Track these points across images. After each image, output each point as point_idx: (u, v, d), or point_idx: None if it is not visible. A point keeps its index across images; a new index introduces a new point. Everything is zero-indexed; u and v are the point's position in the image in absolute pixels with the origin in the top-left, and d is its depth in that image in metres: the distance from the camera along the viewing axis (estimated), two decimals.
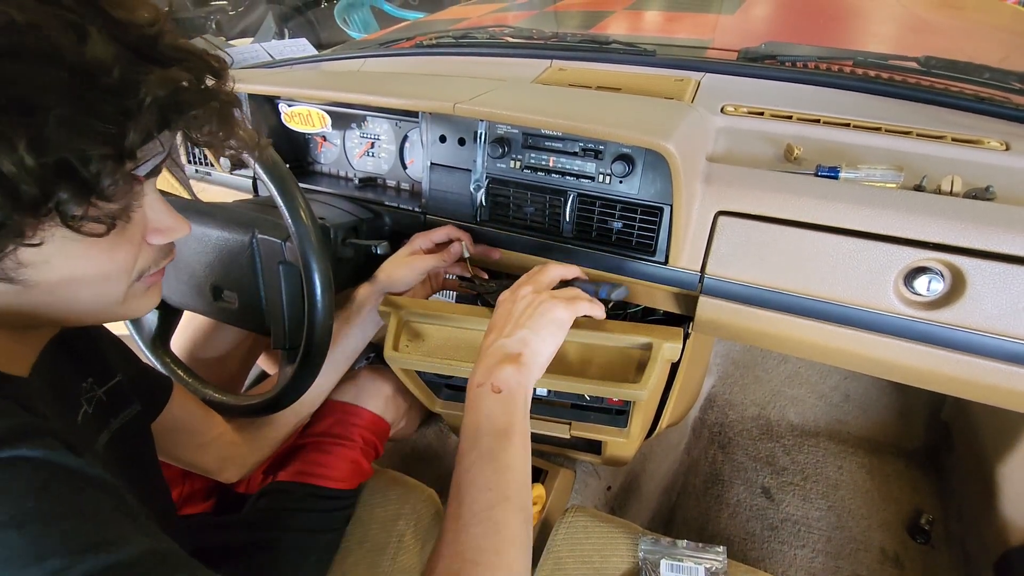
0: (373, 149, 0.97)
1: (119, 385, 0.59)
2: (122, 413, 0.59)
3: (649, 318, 0.94)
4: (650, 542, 0.81)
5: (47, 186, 0.33)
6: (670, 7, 1.81)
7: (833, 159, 0.75)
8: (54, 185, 0.33)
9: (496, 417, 0.54)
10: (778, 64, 1.03)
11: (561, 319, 0.63)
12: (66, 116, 0.33)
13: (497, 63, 1.15)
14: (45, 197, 0.34)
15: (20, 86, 0.32)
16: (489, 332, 0.63)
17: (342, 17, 3.03)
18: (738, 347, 1.61)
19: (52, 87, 0.32)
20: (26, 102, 0.32)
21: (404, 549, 0.86)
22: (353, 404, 0.92)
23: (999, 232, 0.62)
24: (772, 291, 0.72)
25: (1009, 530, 0.96)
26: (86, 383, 0.56)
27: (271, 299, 0.77)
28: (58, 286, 0.39)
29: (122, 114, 0.35)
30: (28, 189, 0.32)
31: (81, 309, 0.43)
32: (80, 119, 0.33)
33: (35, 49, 0.32)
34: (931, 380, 0.71)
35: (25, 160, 0.32)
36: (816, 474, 1.32)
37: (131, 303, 0.45)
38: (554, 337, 0.62)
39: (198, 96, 0.40)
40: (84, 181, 0.34)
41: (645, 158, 0.75)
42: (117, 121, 0.35)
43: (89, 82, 0.34)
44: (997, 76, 0.95)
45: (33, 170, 0.32)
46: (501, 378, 0.56)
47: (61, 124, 0.33)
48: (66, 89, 0.33)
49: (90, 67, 0.34)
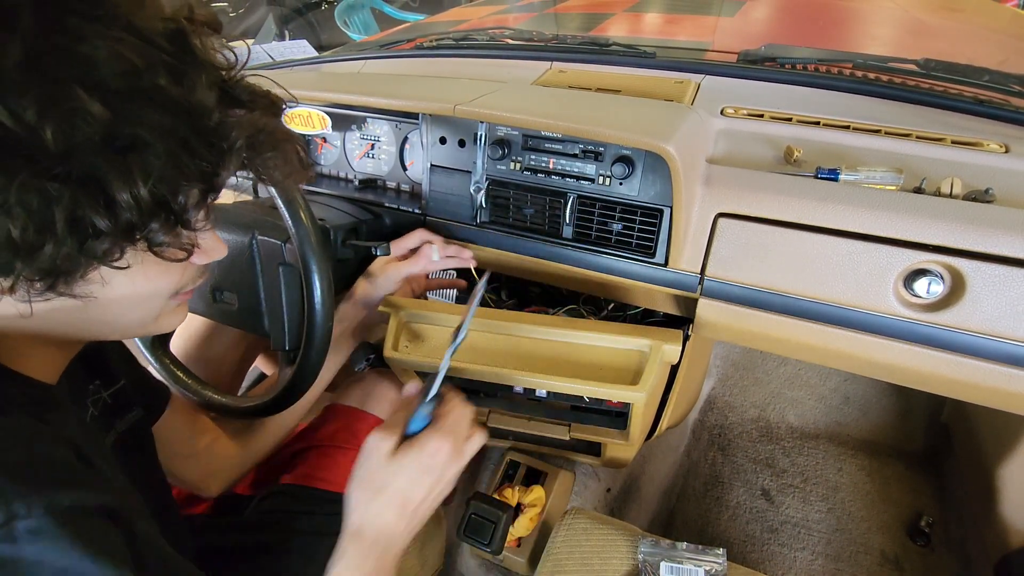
0: (373, 150, 0.97)
1: (123, 389, 0.60)
2: (127, 416, 0.60)
3: (648, 320, 0.94)
4: (650, 544, 0.81)
5: (146, 217, 0.36)
6: (670, 9, 1.82)
7: (833, 161, 0.75)
8: (152, 216, 0.37)
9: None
10: (778, 66, 1.04)
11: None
12: (172, 155, 0.36)
13: (497, 65, 1.15)
14: (143, 226, 0.37)
15: (137, 126, 0.34)
16: (397, 496, 0.53)
17: (342, 19, 3.03)
18: (738, 349, 1.60)
19: (162, 129, 0.35)
20: (141, 140, 0.34)
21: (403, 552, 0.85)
22: (359, 409, 0.92)
23: (999, 234, 0.62)
24: (772, 293, 0.72)
25: (1009, 532, 0.96)
26: (93, 385, 0.57)
27: (271, 300, 0.77)
28: (113, 303, 0.41)
29: (217, 155, 0.39)
30: (132, 218, 0.35)
31: (123, 324, 0.45)
32: (183, 159, 0.36)
33: (149, 92, 0.35)
34: (931, 382, 0.71)
35: (140, 193, 0.35)
36: (816, 476, 1.31)
37: (163, 319, 0.48)
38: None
39: (274, 137, 0.43)
40: (175, 213, 0.38)
41: (645, 160, 0.75)
42: (212, 161, 0.38)
43: (191, 124, 0.37)
44: (996, 78, 0.95)
45: (143, 202, 0.35)
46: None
47: (168, 162, 0.36)
48: (172, 130, 0.36)
49: (194, 110, 0.37)
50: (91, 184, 0.33)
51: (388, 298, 0.82)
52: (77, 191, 0.33)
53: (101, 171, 0.33)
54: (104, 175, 0.33)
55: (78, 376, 0.54)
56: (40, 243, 0.33)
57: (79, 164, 0.33)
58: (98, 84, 0.33)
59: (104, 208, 0.34)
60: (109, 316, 0.43)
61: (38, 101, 0.31)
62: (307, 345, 0.71)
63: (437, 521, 0.93)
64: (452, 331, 0.59)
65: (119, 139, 0.34)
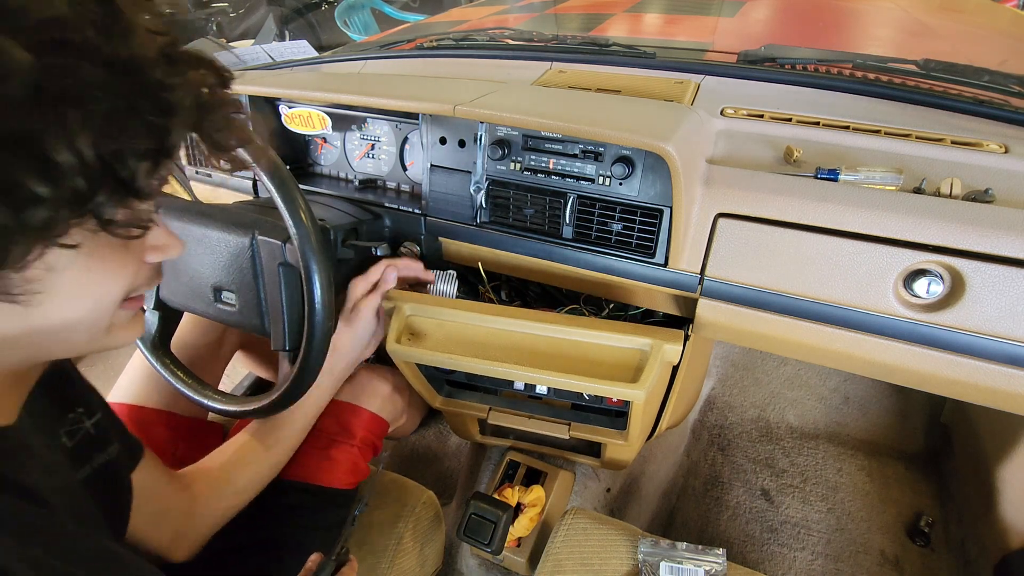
0: (373, 151, 0.98)
1: (101, 422, 0.58)
2: (106, 450, 0.57)
3: (649, 320, 0.94)
4: (650, 544, 0.81)
5: (93, 182, 0.33)
6: (670, 10, 1.82)
7: (833, 161, 0.75)
8: (99, 182, 0.33)
9: None
10: (778, 67, 1.04)
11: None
12: (114, 112, 0.33)
13: (497, 65, 1.15)
14: (90, 193, 0.33)
15: (70, 79, 0.31)
16: None
17: (343, 19, 3.03)
18: (738, 349, 1.61)
19: (98, 81, 0.32)
20: (77, 95, 0.32)
21: (403, 551, 0.85)
22: (352, 404, 0.92)
23: (998, 234, 0.62)
24: (772, 293, 0.72)
25: (1009, 533, 0.96)
26: (74, 414, 0.54)
27: (271, 300, 0.77)
28: (57, 308, 0.38)
29: (163, 113, 0.36)
30: (76, 184, 0.32)
31: (70, 338, 0.41)
32: (126, 116, 0.34)
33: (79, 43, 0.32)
34: (931, 382, 0.71)
35: (83, 152, 0.32)
36: (816, 476, 1.31)
37: (115, 332, 0.44)
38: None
39: (220, 100, 0.41)
40: (124, 180, 0.34)
41: (645, 160, 0.75)
42: (159, 119, 0.35)
43: (131, 79, 0.34)
44: (996, 79, 0.95)
45: (87, 162, 0.32)
46: None
47: (110, 119, 0.33)
48: (108, 84, 0.33)
49: (131, 65, 0.34)
50: (23, 142, 0.30)
51: (391, 292, 0.83)
52: (6, 151, 0.30)
53: (34, 126, 0.30)
54: (38, 131, 0.30)
55: (51, 405, 0.52)
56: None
57: (7, 119, 0.30)
58: (22, 29, 0.30)
59: (41, 169, 0.31)
60: (54, 325, 0.39)
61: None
62: (307, 345, 0.71)
63: (437, 521, 0.93)
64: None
65: (51, 91, 0.30)
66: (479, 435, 1.10)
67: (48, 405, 0.50)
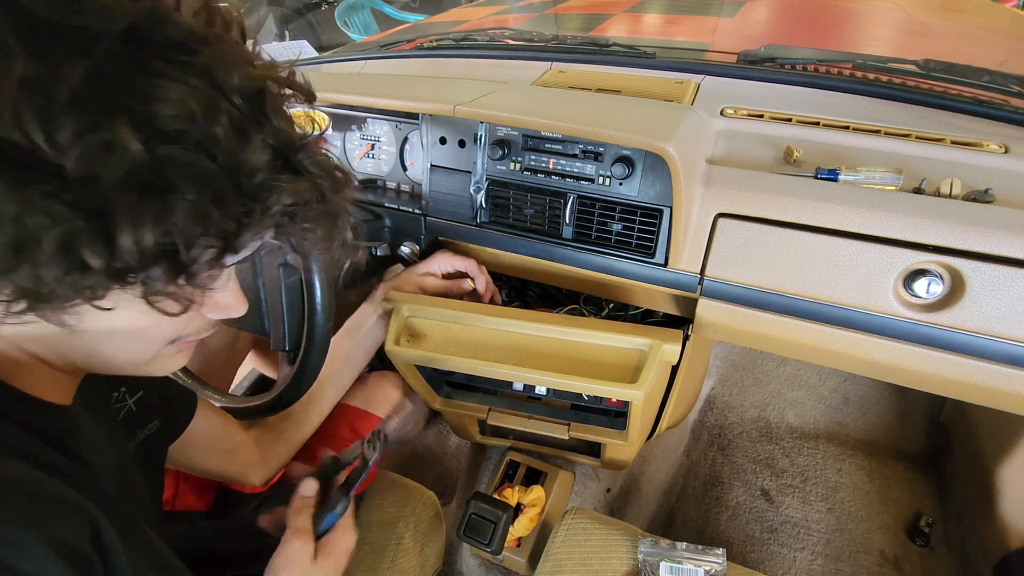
0: (373, 151, 0.98)
1: (145, 399, 0.61)
2: (147, 426, 0.61)
3: (649, 320, 0.94)
4: (649, 544, 0.81)
5: (146, 263, 0.33)
6: (670, 10, 1.82)
7: (833, 161, 0.75)
8: (152, 262, 0.33)
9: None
10: (778, 67, 1.04)
11: None
12: (197, 206, 0.33)
13: (497, 65, 1.15)
14: (138, 271, 0.33)
15: (171, 169, 0.32)
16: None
17: (343, 19, 3.03)
18: (737, 349, 1.61)
19: (198, 177, 0.32)
20: (169, 185, 0.32)
21: (403, 551, 0.85)
22: (363, 410, 0.93)
23: (998, 234, 0.62)
24: (772, 293, 0.72)
25: (1008, 533, 0.96)
26: (118, 392, 0.58)
27: (271, 301, 0.77)
28: (102, 338, 0.39)
29: (246, 215, 0.35)
30: (129, 263, 0.32)
31: (114, 361, 0.42)
32: (208, 212, 0.33)
33: (199, 139, 0.32)
34: (930, 382, 0.71)
35: (144, 239, 0.32)
36: (816, 476, 1.31)
37: (157, 363, 0.45)
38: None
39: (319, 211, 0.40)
40: (181, 264, 0.34)
41: (645, 160, 0.75)
42: (239, 220, 0.35)
43: (232, 180, 0.34)
44: (996, 79, 0.95)
45: (145, 249, 0.32)
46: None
47: (190, 213, 0.33)
48: (209, 182, 0.33)
49: (240, 168, 0.34)
50: (97, 218, 0.31)
51: (390, 293, 0.83)
52: (79, 221, 0.30)
53: (112, 207, 0.31)
54: (113, 212, 0.31)
55: (100, 385, 0.54)
56: (16, 264, 0.31)
57: (93, 195, 0.30)
58: (146, 122, 0.31)
59: (102, 246, 0.31)
60: (98, 350, 0.40)
61: (77, 125, 0.29)
62: (307, 345, 0.71)
63: (437, 521, 0.93)
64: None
65: (143, 178, 0.31)
66: (479, 435, 1.10)
67: (95, 385, 0.52)
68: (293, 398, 0.74)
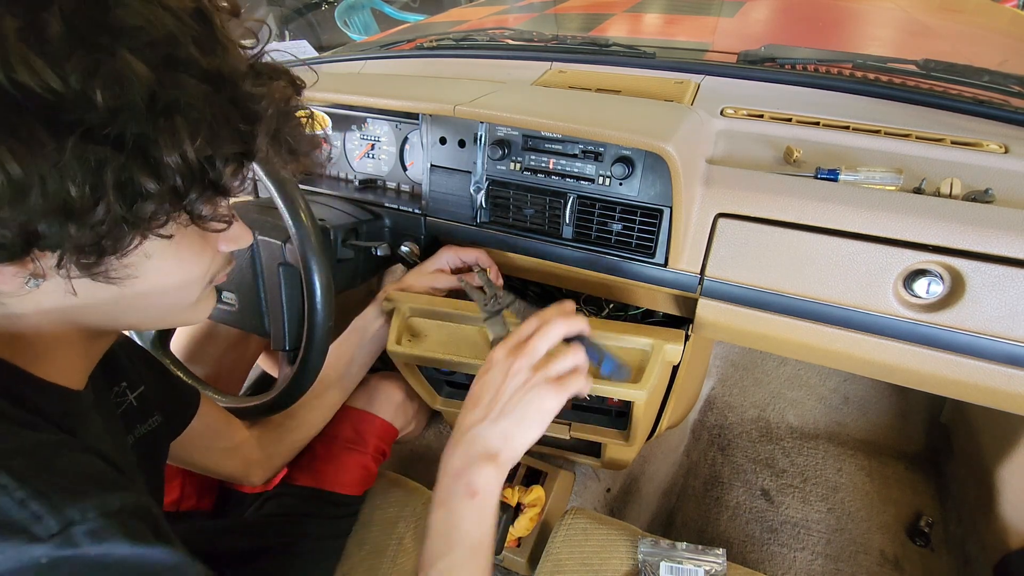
0: (373, 151, 0.98)
1: (145, 394, 0.62)
2: (148, 421, 0.61)
3: (649, 320, 0.94)
4: (649, 544, 0.81)
5: (189, 181, 0.37)
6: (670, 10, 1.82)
7: (833, 161, 0.75)
8: (194, 181, 0.37)
9: (468, 527, 0.54)
10: (778, 67, 1.04)
11: (549, 410, 0.57)
12: (212, 120, 0.37)
13: (497, 65, 1.15)
14: (186, 192, 0.37)
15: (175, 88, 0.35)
16: (472, 407, 0.58)
17: (343, 19, 3.03)
18: (737, 349, 1.61)
19: (199, 94, 0.36)
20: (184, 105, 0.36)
21: (403, 552, 0.85)
22: (366, 411, 0.93)
23: (998, 234, 0.62)
24: (772, 293, 0.72)
25: (1009, 533, 0.96)
26: (118, 387, 0.59)
27: (271, 301, 0.77)
28: (149, 290, 0.43)
29: (250, 121, 0.40)
30: (177, 182, 0.36)
31: (159, 312, 0.46)
32: (220, 124, 0.38)
33: (184, 59, 0.36)
34: (930, 382, 0.71)
35: (187, 155, 0.36)
36: (816, 476, 1.31)
37: (198, 306, 0.49)
38: (538, 429, 0.57)
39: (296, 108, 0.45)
40: (212, 181, 0.39)
41: (645, 160, 0.75)
42: (247, 127, 0.40)
43: (226, 91, 0.38)
44: (996, 79, 0.95)
45: (189, 164, 0.36)
46: (479, 480, 0.54)
47: (208, 127, 0.37)
48: (209, 96, 0.37)
49: (226, 78, 0.38)
50: (140, 146, 0.35)
51: (391, 293, 0.83)
52: (126, 153, 0.34)
53: (149, 133, 0.34)
54: (153, 137, 0.35)
55: (101, 379, 0.55)
56: (94, 203, 0.34)
57: (127, 126, 0.34)
58: (139, 49, 0.34)
59: (152, 169, 0.35)
60: (144, 303, 0.44)
61: (84, 65, 0.32)
62: (307, 345, 0.71)
63: None
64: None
65: (163, 102, 0.35)
66: None
67: (95, 379, 0.53)
68: (293, 398, 0.74)
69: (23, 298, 0.39)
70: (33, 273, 0.37)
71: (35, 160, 0.32)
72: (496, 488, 0.56)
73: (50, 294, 0.39)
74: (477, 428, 0.56)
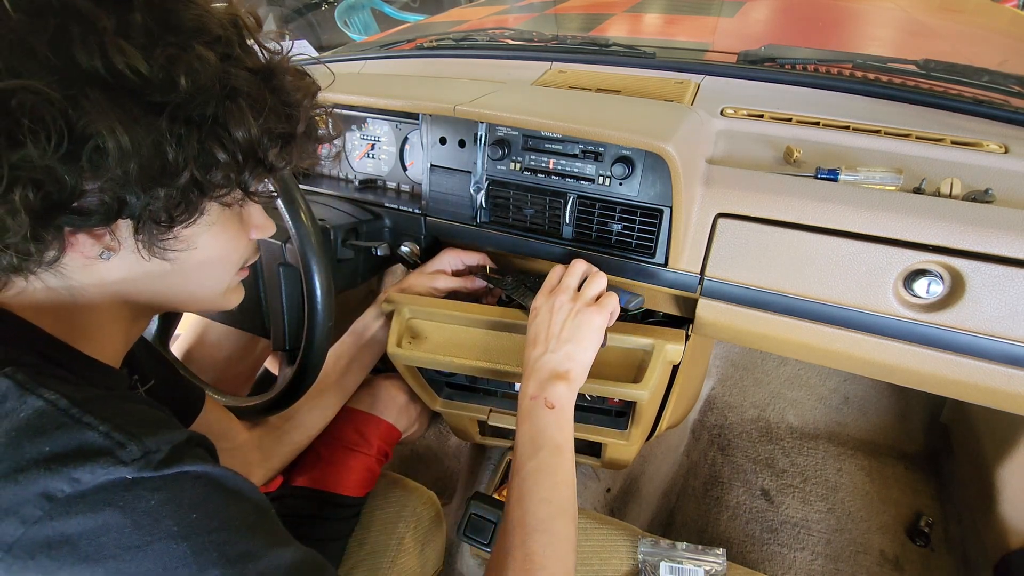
0: (373, 151, 0.97)
1: (154, 389, 0.63)
2: None
3: (648, 320, 0.94)
4: (649, 544, 0.81)
5: (248, 156, 0.44)
6: (670, 10, 1.82)
7: (833, 161, 0.75)
8: (250, 157, 0.44)
9: (551, 433, 0.61)
10: (778, 67, 1.04)
11: (599, 326, 0.67)
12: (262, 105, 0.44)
13: (497, 65, 1.15)
14: (243, 166, 0.44)
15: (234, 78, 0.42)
16: (533, 345, 0.67)
17: (343, 19, 3.03)
18: (738, 349, 1.61)
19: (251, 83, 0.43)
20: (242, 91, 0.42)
21: (404, 552, 0.85)
22: (369, 413, 0.93)
23: (998, 234, 0.62)
24: (772, 293, 0.72)
25: (1008, 533, 0.96)
26: (132, 379, 0.60)
27: (271, 301, 0.77)
28: (194, 267, 0.48)
29: (291, 107, 0.47)
30: (240, 156, 0.43)
31: (198, 293, 0.51)
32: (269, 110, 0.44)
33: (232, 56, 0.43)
34: (930, 382, 0.71)
35: (251, 131, 0.43)
36: (816, 476, 1.31)
37: (229, 294, 0.55)
38: (594, 345, 0.66)
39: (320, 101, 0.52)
40: (261, 159, 0.45)
41: (645, 160, 0.75)
42: (289, 113, 0.47)
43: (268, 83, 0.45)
44: (996, 79, 0.95)
45: (252, 139, 0.43)
46: (554, 395, 0.62)
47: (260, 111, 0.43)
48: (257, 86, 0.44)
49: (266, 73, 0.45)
50: (214, 123, 0.41)
51: (391, 295, 0.82)
52: (205, 128, 0.41)
53: (220, 113, 0.41)
54: (223, 117, 0.41)
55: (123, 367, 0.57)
56: (179, 169, 0.40)
57: (204, 107, 0.40)
58: (207, 44, 0.41)
59: (223, 143, 0.42)
60: (188, 283, 0.49)
61: (168, 55, 0.38)
62: (307, 345, 0.71)
63: (437, 521, 0.93)
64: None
65: (229, 87, 0.41)
66: (479, 436, 1.10)
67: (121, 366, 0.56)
68: (293, 398, 0.74)
69: (90, 270, 0.43)
70: (107, 246, 0.42)
71: (138, 132, 0.37)
72: (570, 402, 0.64)
73: (113, 269, 0.44)
74: (543, 358, 0.65)
